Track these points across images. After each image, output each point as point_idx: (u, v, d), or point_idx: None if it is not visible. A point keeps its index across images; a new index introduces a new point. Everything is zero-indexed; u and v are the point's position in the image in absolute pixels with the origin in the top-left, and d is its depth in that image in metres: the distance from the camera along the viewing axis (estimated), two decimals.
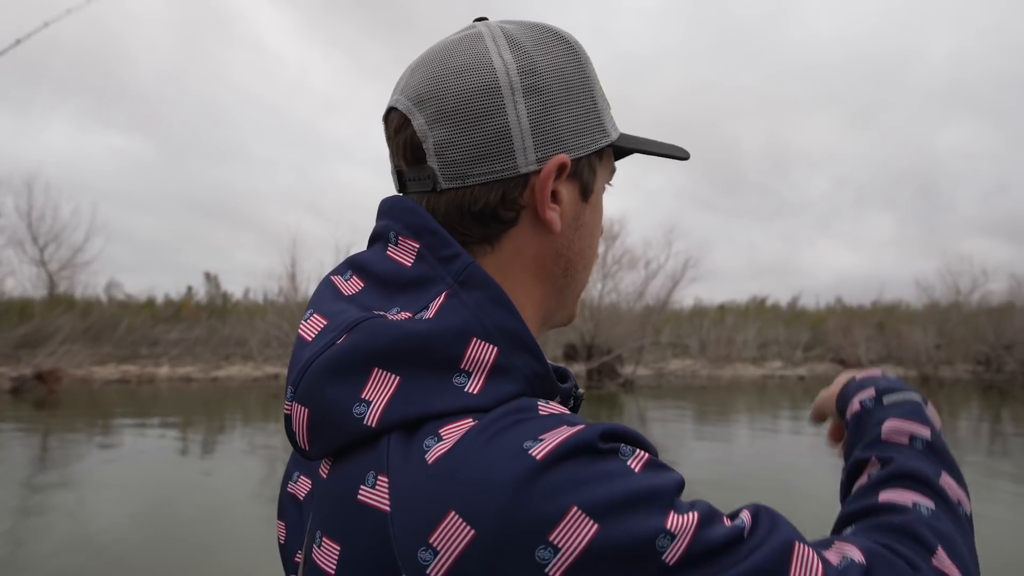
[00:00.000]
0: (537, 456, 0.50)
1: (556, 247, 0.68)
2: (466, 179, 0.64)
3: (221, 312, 35.01)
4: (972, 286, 33.35)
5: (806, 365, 33.95)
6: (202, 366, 28.90)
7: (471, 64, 0.64)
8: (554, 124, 0.65)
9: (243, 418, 17.13)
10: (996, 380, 29.44)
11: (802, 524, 0.61)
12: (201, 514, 7.68)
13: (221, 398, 21.52)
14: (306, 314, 0.64)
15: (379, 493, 0.54)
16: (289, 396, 0.60)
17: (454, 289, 0.60)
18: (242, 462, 11.00)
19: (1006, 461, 11.55)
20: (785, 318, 40.16)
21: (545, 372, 0.61)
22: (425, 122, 0.64)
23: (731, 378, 30.90)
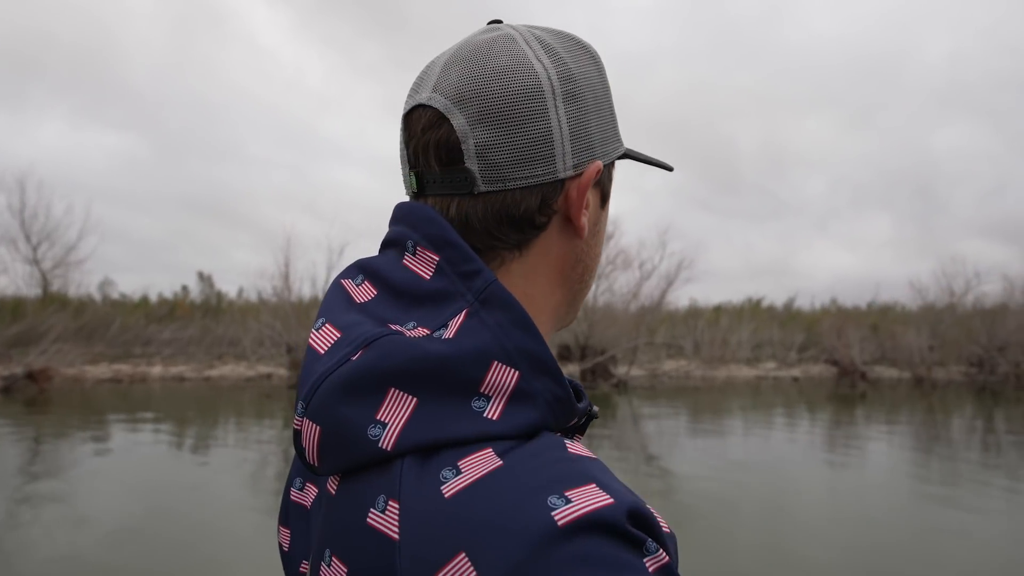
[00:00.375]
0: (560, 521, 0.47)
1: (577, 252, 0.68)
2: (507, 182, 0.62)
3: (215, 312, 34.91)
4: (965, 288, 33.51)
5: (800, 366, 34.02)
6: (195, 365, 28.81)
7: (513, 66, 0.62)
8: (587, 131, 0.65)
9: (234, 417, 17.04)
10: (989, 382, 29.57)
11: (797, 524, 0.59)
12: (192, 513, 7.64)
13: (212, 397, 21.45)
14: (317, 322, 0.62)
15: (389, 519, 0.52)
16: (300, 412, 0.58)
17: (475, 307, 0.58)
18: (234, 461, 10.95)
19: (1000, 461, 11.58)
20: (780, 319, 40.24)
21: (566, 396, 0.59)
22: (466, 122, 0.62)
23: (725, 379, 30.94)
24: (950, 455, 12.42)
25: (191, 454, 11.84)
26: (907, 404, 21.72)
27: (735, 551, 6.55)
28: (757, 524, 7.56)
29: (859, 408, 20.57)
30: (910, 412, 19.54)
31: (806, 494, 9.09)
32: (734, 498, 8.60)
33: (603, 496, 0.49)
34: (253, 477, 9.77)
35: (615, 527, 0.48)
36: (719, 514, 7.89)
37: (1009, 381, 29.36)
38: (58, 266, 28.60)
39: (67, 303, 28.18)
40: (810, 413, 19.03)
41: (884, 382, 30.16)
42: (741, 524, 7.52)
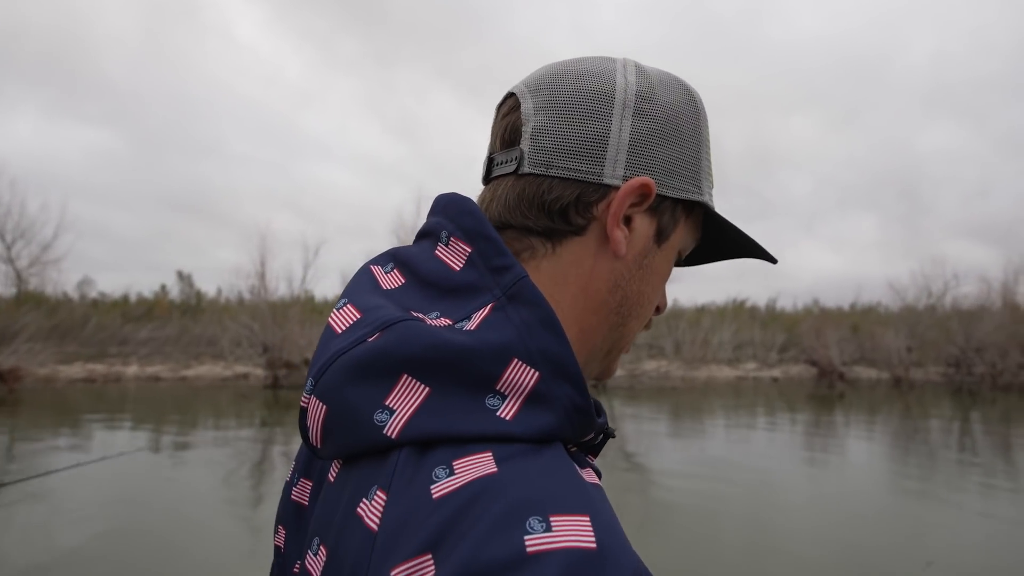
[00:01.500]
0: (529, 548, 0.43)
1: (616, 275, 0.65)
2: (549, 168, 0.63)
3: (195, 311, 34.60)
4: (944, 289, 33.78)
5: (781, 367, 34.15)
6: (172, 365, 28.51)
7: (596, 72, 0.65)
8: (651, 153, 0.64)
9: (206, 418, 16.80)
10: (966, 382, 29.80)
11: (778, 522, 0.55)
12: (165, 514, 7.46)
13: (186, 397, 21.19)
14: (339, 302, 0.60)
15: (374, 509, 0.51)
16: (308, 389, 0.56)
17: (501, 302, 0.56)
18: (206, 462, 10.75)
19: (976, 459, 11.60)
20: (762, 320, 40.39)
21: (586, 406, 0.56)
22: (533, 106, 0.65)
23: (706, 379, 30.99)
24: (926, 454, 12.43)
25: (159, 454, 11.62)
26: (884, 405, 21.80)
27: (718, 549, 6.47)
28: (738, 522, 7.50)
29: (836, 409, 20.61)
30: (885, 412, 19.58)
31: (785, 493, 9.04)
32: (715, 497, 8.54)
33: (588, 536, 0.45)
34: (225, 478, 9.58)
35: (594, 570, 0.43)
36: (700, 513, 7.82)
37: (985, 382, 29.60)
38: (33, 264, 28.17)
39: (42, 302, 27.79)
40: (786, 414, 19.02)
41: (863, 382, 30.32)
42: (723, 522, 7.46)
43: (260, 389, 23.42)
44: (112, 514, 7.44)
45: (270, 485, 9.00)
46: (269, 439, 13.39)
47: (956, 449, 13.17)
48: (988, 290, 32.91)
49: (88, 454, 11.14)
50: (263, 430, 14.51)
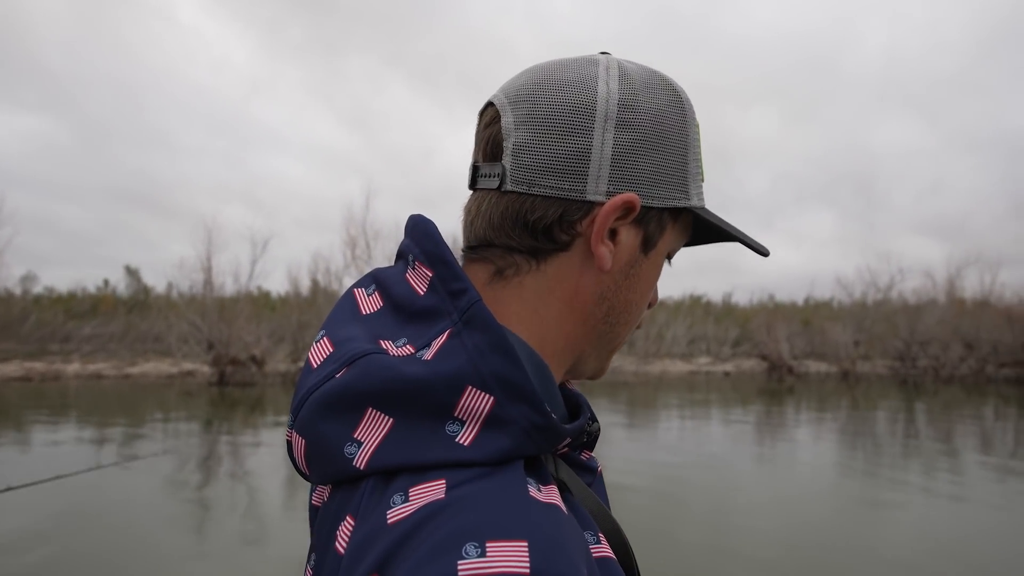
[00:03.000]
0: (461, 573, 0.46)
1: (602, 287, 0.66)
2: (532, 186, 0.63)
3: (143, 307, 33.73)
4: (889, 284, 34.52)
5: (733, 361, 34.57)
6: (116, 363, 27.76)
7: (576, 81, 0.63)
8: (636, 164, 0.63)
9: (146, 418, 16.33)
10: (911, 375, 30.50)
11: (728, 519, 0.56)
12: (106, 528, 7.13)
13: (127, 396, 20.62)
14: (319, 334, 0.64)
15: (344, 534, 0.55)
16: (289, 423, 0.61)
17: (457, 328, 0.58)
18: (143, 463, 10.38)
19: (918, 452, 11.82)
20: (717, 315, 40.87)
21: (546, 424, 0.57)
22: (513, 120, 0.64)
23: (659, 374, 31.22)
24: (867, 445, 12.62)
25: (95, 454, 11.22)
26: (830, 397, 22.19)
27: (671, 543, 6.42)
28: (690, 515, 7.51)
29: (784, 402, 20.91)
30: (828, 405, 19.92)
31: (730, 487, 9.06)
32: (664, 491, 8.51)
33: (522, 562, 0.47)
34: (165, 481, 9.26)
35: None
36: (653, 506, 7.80)
37: (928, 374, 30.35)
38: None
39: None
40: (733, 407, 19.22)
41: (812, 376, 30.84)
42: (675, 516, 7.44)
43: (205, 387, 22.90)
44: (52, 529, 7.11)
45: (214, 491, 8.75)
46: (213, 441, 13.05)
47: (896, 438, 13.41)
48: (932, 285, 33.71)
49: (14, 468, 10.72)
50: (207, 431, 14.14)
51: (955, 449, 12.47)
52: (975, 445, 13.06)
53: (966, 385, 27.26)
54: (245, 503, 8.11)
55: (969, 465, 10.75)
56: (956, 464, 10.89)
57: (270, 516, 7.53)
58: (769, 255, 0.76)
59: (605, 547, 0.60)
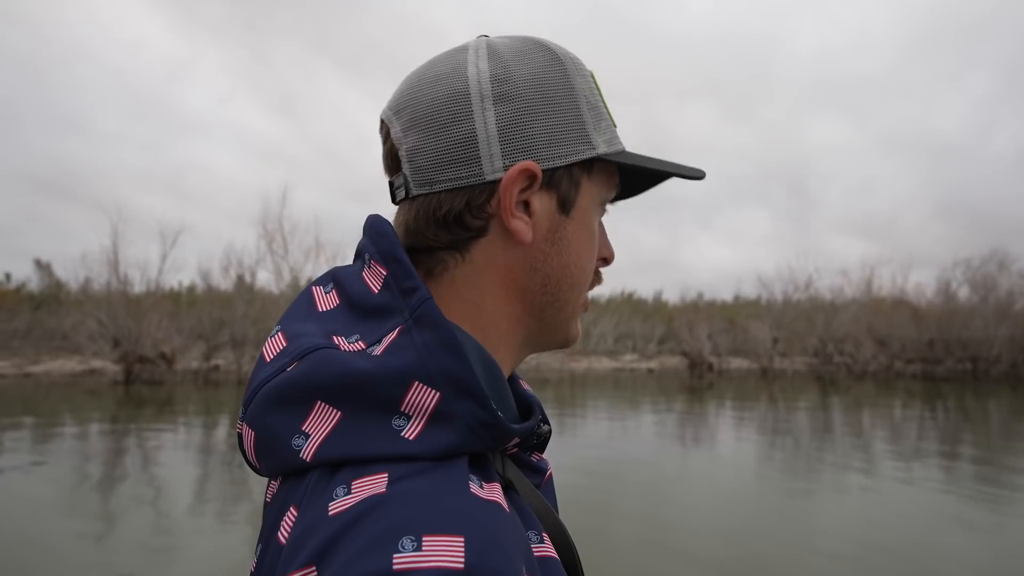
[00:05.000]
0: (395, 567, 0.46)
1: (530, 260, 0.66)
2: (433, 185, 0.64)
3: (54, 302, 32.21)
4: (807, 282, 35.53)
5: (659, 358, 35.07)
6: (17, 361, 26.43)
7: (446, 73, 0.65)
8: (526, 132, 0.64)
9: (42, 419, 15.54)
10: (826, 371, 31.45)
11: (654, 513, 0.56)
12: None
13: (23, 396, 19.61)
14: (274, 329, 0.65)
15: (287, 525, 0.55)
16: (240, 416, 0.62)
17: (408, 325, 0.60)
18: (32, 472, 9.79)
19: (832, 446, 12.09)
20: (647, 312, 41.40)
21: (492, 421, 0.58)
22: (400, 130, 0.66)
23: (584, 370, 31.42)
24: (782, 443, 12.84)
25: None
26: (748, 393, 22.65)
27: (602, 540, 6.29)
28: (609, 512, 7.39)
29: (700, 397, 21.24)
30: (744, 401, 20.33)
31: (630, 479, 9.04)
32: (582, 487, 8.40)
33: (457, 557, 0.48)
34: (53, 485, 8.73)
35: None
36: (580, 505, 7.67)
37: (842, 371, 31.36)
38: None
39: None
40: (653, 403, 19.44)
41: (733, 373, 31.50)
42: (592, 512, 7.32)
43: (110, 385, 21.97)
44: None
45: (116, 498, 8.27)
46: (115, 443, 12.45)
47: (808, 433, 13.69)
48: (848, 283, 34.83)
49: None
50: (107, 432, 13.49)
51: (867, 441, 12.84)
52: (885, 437, 13.50)
53: (877, 381, 28.28)
54: (146, 511, 7.68)
55: (880, 455, 11.15)
56: (868, 455, 11.24)
57: (178, 525, 7.15)
58: (704, 177, 0.74)
59: (548, 547, 0.61)
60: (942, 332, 30.76)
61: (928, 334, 30.91)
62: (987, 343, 30.22)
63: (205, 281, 28.55)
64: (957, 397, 22.17)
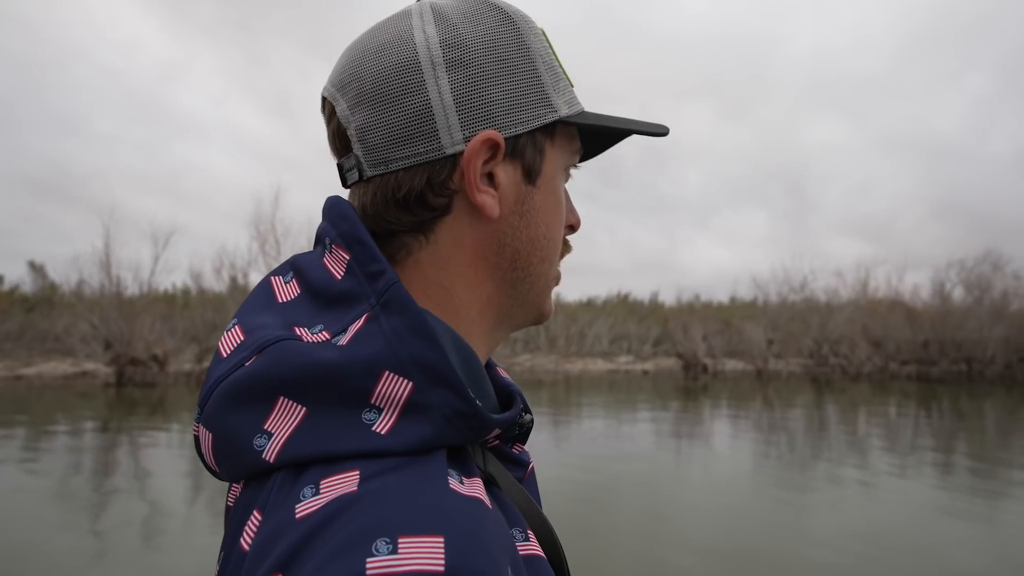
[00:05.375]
0: (369, 571, 0.43)
1: (499, 236, 0.62)
2: (389, 164, 0.60)
3: (48, 304, 32.08)
4: (802, 284, 35.52)
5: (654, 360, 35.01)
6: (9, 363, 26.29)
7: (391, 41, 0.60)
8: (484, 99, 0.60)
9: (32, 422, 15.43)
10: (821, 372, 31.43)
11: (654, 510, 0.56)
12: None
13: (12, 398, 19.49)
14: (230, 323, 0.61)
15: (250, 530, 0.52)
16: (196, 417, 0.58)
17: (375, 312, 0.55)
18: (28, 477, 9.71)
19: (827, 446, 12.04)
20: (642, 314, 41.35)
21: (470, 410, 0.54)
22: (347, 107, 0.61)
23: (580, 372, 31.35)
24: (777, 442, 12.79)
25: None
26: (740, 395, 22.59)
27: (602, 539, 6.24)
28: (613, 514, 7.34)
29: (695, 399, 21.19)
30: (739, 402, 20.28)
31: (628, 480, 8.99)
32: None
33: (437, 559, 0.44)
34: (45, 488, 8.64)
35: None
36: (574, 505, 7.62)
37: (836, 372, 31.35)
38: None
39: None
40: (648, 404, 19.38)
41: (728, 374, 31.46)
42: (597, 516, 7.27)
43: (102, 388, 21.84)
44: None
45: (105, 504, 8.18)
46: (105, 446, 12.36)
47: (801, 434, 13.65)
48: (843, 285, 34.82)
49: None
50: (98, 435, 13.40)
51: (862, 441, 12.85)
52: (880, 436, 13.52)
53: (872, 382, 28.26)
54: (133, 513, 7.60)
55: (876, 455, 11.23)
56: (863, 455, 11.25)
57: (170, 530, 7.08)
58: (667, 133, 0.70)
59: (534, 545, 0.58)
60: (936, 333, 30.79)
61: (923, 335, 30.92)
62: (982, 344, 30.23)
63: (197, 283, 28.45)
64: (952, 398, 22.15)
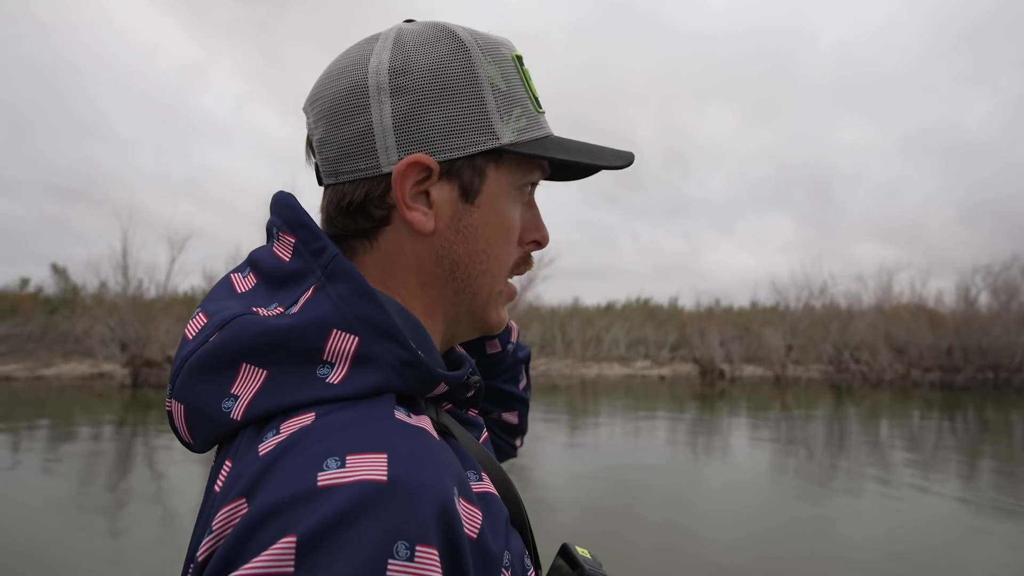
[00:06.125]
0: (320, 483, 0.48)
1: (435, 249, 0.68)
2: (338, 176, 0.67)
3: (71, 306, 32.42)
4: (822, 288, 34.93)
5: (671, 365, 34.63)
6: (30, 364, 26.60)
7: (350, 65, 0.66)
8: (421, 124, 0.65)
9: (45, 422, 15.52)
10: (841, 379, 30.88)
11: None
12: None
13: (27, 399, 19.65)
14: (195, 312, 0.66)
15: (221, 478, 0.57)
16: (168, 393, 0.63)
17: (321, 282, 0.61)
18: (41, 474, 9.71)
19: (849, 455, 11.77)
20: (662, 319, 40.94)
21: (414, 360, 0.60)
22: (312, 121, 0.68)
23: (595, 377, 31.10)
24: (796, 451, 12.54)
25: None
26: (760, 402, 22.22)
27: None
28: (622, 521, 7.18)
29: (711, 405, 20.87)
30: (757, 409, 19.93)
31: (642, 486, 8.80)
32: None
33: (381, 471, 0.49)
34: (59, 486, 8.62)
35: (368, 505, 0.47)
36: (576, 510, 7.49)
37: (856, 379, 30.77)
38: None
39: None
40: (666, 410, 19.11)
41: (746, 380, 31.03)
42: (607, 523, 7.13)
43: (117, 389, 21.99)
44: None
45: (118, 503, 8.13)
46: (117, 445, 12.37)
47: (820, 442, 13.36)
48: (864, 289, 34.21)
49: None
50: (112, 436, 13.43)
51: (884, 451, 12.60)
52: (903, 446, 13.22)
53: (893, 389, 27.68)
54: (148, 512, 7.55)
55: (898, 465, 10.99)
56: (886, 464, 11.04)
57: (180, 524, 7.02)
58: (627, 165, 0.73)
59: (488, 485, 0.62)
60: (961, 340, 30.08)
61: (946, 341, 30.23)
62: (1008, 351, 29.47)
63: (210, 285, 28.55)
64: (977, 407, 21.59)
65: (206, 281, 28.17)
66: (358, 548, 0.45)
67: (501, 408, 1.04)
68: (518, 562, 0.62)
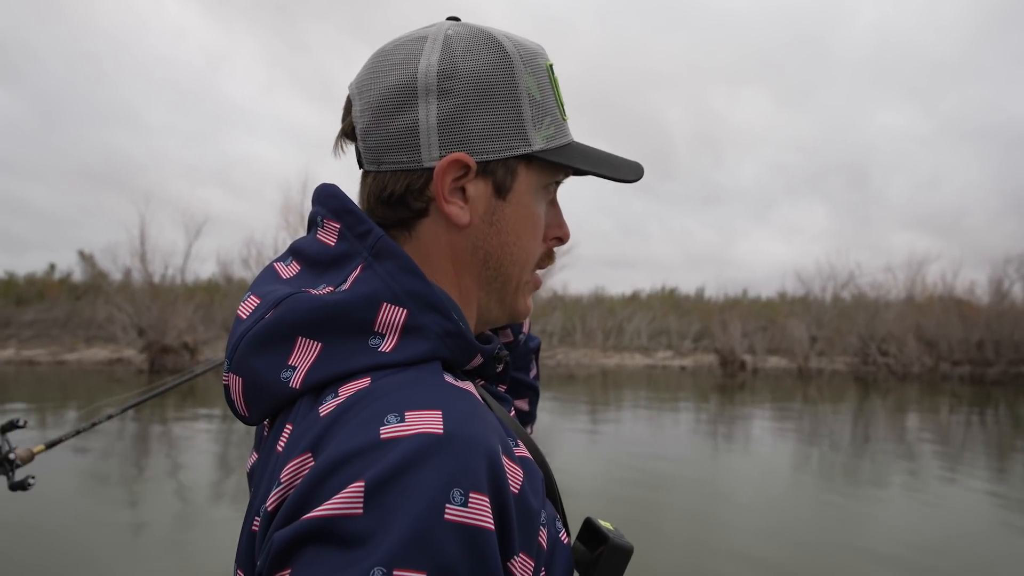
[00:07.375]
0: (382, 435, 0.54)
1: (471, 240, 0.72)
2: (380, 164, 0.71)
3: (96, 292, 32.85)
4: (847, 279, 34.07)
5: (693, 355, 34.12)
6: (54, 348, 26.98)
7: (400, 63, 0.70)
8: (463, 127, 0.69)
9: (54, 405, 15.64)
10: (867, 372, 30.15)
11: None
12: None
13: (47, 382, 19.87)
14: (245, 296, 0.70)
15: (283, 439, 0.61)
16: (226, 368, 0.67)
17: (368, 261, 0.66)
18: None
19: (876, 449, 11.42)
20: (687, 308, 40.33)
21: (457, 330, 0.66)
22: (360, 108, 0.71)
23: (616, 367, 30.75)
24: (823, 444, 12.19)
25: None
26: (782, 394, 21.74)
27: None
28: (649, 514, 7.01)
29: (730, 397, 20.45)
30: (779, 401, 19.48)
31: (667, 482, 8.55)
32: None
33: (437, 425, 0.55)
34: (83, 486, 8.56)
35: (428, 455, 0.52)
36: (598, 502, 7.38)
37: (882, 372, 30.01)
38: None
39: None
40: (675, 402, 18.75)
41: (768, 372, 30.45)
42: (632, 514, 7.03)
43: (135, 374, 22.15)
44: None
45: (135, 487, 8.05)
46: (139, 431, 12.37)
47: (843, 435, 12.99)
48: (893, 280, 33.32)
49: None
50: (132, 420, 13.45)
51: (912, 445, 12.31)
52: (932, 440, 12.90)
53: (921, 383, 26.93)
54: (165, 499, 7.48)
55: (927, 459, 10.84)
56: (915, 459, 10.87)
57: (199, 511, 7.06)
58: (635, 180, 0.77)
59: (524, 451, 0.66)
60: (992, 333, 29.13)
61: (977, 334, 29.31)
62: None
63: (224, 272, 28.71)
64: (1009, 403, 20.87)
65: (218, 267, 28.27)
66: (421, 492, 0.50)
67: (513, 396, 1.07)
68: (552, 522, 0.66)
